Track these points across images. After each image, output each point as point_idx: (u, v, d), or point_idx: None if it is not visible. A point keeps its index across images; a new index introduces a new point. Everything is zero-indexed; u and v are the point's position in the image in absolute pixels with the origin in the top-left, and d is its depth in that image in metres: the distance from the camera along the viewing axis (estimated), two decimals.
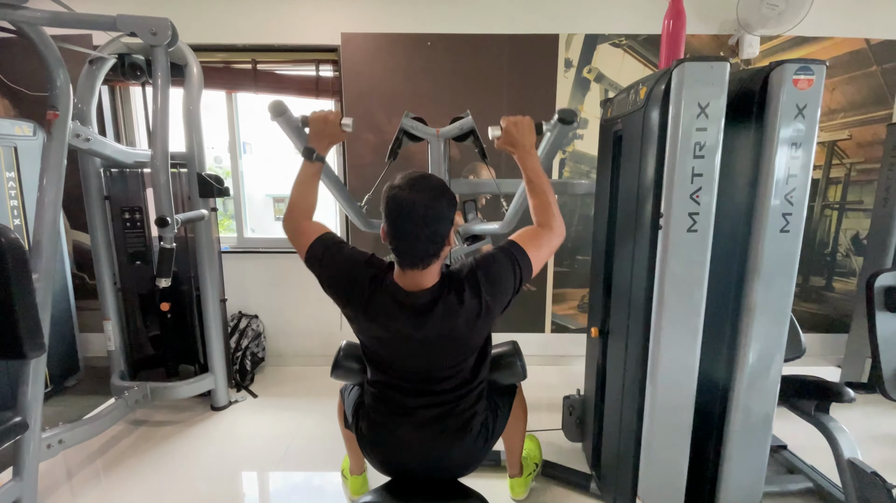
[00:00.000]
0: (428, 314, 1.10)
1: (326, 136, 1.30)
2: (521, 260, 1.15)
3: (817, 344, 2.94)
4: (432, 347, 1.14)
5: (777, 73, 1.18)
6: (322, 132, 1.29)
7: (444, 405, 1.20)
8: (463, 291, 1.11)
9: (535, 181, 1.27)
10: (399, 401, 1.21)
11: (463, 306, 1.10)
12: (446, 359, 1.17)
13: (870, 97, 2.69)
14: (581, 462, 1.95)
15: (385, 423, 1.22)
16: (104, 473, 1.90)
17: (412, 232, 1.06)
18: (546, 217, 1.24)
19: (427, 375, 1.19)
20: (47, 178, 1.67)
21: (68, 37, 2.45)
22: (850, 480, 1.56)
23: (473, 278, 1.12)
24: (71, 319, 2.69)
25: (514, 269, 1.14)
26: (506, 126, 1.28)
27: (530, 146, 1.28)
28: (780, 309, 1.28)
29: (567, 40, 2.62)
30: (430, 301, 1.11)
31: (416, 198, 1.06)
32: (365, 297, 1.12)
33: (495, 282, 1.13)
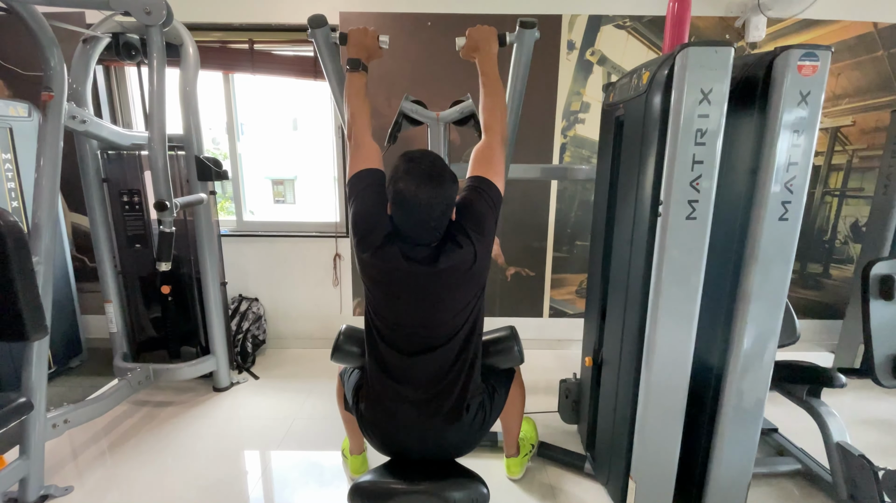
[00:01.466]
0: (432, 260, 1.17)
1: (366, 49, 1.39)
2: (491, 192, 1.25)
3: (812, 329, 2.97)
4: (435, 289, 1.18)
5: (782, 58, 1.16)
6: (362, 44, 1.39)
7: (438, 384, 1.22)
8: (456, 237, 1.19)
9: (488, 83, 1.38)
10: (396, 388, 1.23)
11: (462, 249, 1.18)
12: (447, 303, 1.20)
13: (875, 82, 2.66)
14: (576, 443, 1.99)
15: (384, 405, 1.25)
16: (109, 452, 1.94)
17: (419, 223, 1.14)
18: (493, 118, 1.34)
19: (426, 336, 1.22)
20: (44, 160, 1.66)
21: (60, 15, 2.40)
22: (839, 463, 1.60)
23: (460, 226, 1.20)
24: (72, 301, 2.71)
25: (490, 204, 1.24)
26: (468, 32, 1.41)
27: (491, 53, 1.40)
28: (777, 296, 1.30)
29: (570, 21, 2.57)
30: (434, 252, 1.18)
31: (422, 193, 1.10)
32: (376, 245, 1.18)
33: (480, 225, 1.21)
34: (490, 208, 1.23)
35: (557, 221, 2.83)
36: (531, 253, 2.87)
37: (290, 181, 11.01)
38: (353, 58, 1.38)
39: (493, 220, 1.24)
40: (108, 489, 1.73)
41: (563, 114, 2.68)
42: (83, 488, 1.73)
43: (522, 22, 1.44)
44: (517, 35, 1.50)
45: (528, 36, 1.48)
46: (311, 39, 1.52)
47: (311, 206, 10.06)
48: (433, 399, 1.22)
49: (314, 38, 1.50)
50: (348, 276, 2.93)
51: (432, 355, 1.22)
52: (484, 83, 1.39)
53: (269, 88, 2.86)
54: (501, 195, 1.28)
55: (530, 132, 2.69)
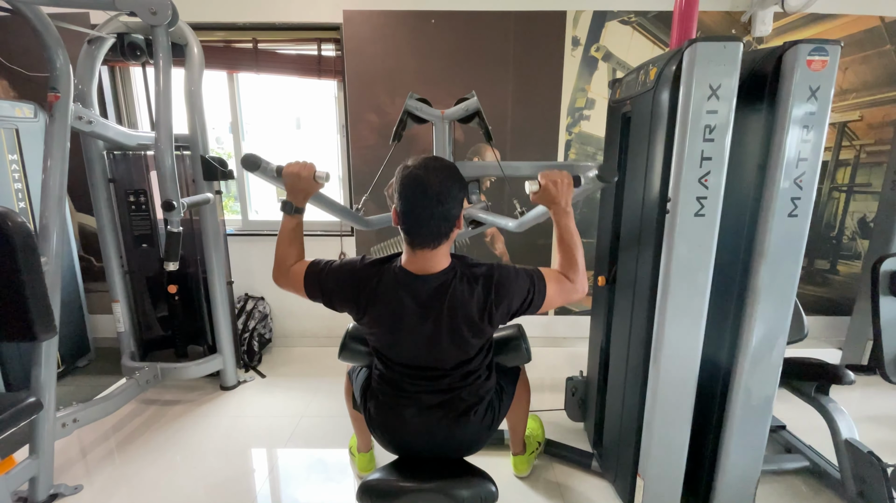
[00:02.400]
0: (435, 301, 1.11)
1: (301, 191, 1.25)
2: (538, 289, 1.16)
3: (819, 326, 2.96)
4: (437, 345, 1.15)
5: (791, 53, 1.15)
6: (296, 187, 1.24)
7: (450, 391, 1.22)
8: (475, 286, 1.12)
9: (566, 240, 1.25)
10: (405, 389, 1.23)
11: (471, 299, 1.12)
12: (449, 358, 1.18)
13: (883, 77, 2.63)
14: (583, 441, 1.99)
15: (392, 406, 1.25)
16: (117, 451, 1.96)
17: (426, 209, 1.07)
18: (573, 274, 1.23)
19: (432, 371, 1.20)
20: (51, 161, 1.67)
21: (65, 16, 2.41)
22: (847, 460, 1.59)
23: (489, 278, 1.13)
24: (79, 301, 2.72)
25: (529, 291, 1.15)
26: (545, 184, 1.23)
27: (567, 204, 1.24)
28: (786, 292, 1.29)
29: (574, 17, 2.55)
30: (439, 286, 1.12)
31: (431, 177, 1.07)
32: (373, 290, 1.14)
33: (506, 290, 1.13)
34: (522, 297, 1.15)
35: None
36: (536, 250, 2.87)
37: None
38: (286, 201, 1.27)
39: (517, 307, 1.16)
40: (116, 487, 1.74)
41: (567, 110, 2.67)
42: (92, 487, 1.74)
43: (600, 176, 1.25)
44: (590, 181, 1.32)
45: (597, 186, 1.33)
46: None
47: None
48: (442, 403, 1.22)
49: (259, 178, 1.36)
50: None
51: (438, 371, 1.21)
52: (560, 237, 1.26)
53: (271, 87, 2.86)
54: (540, 307, 1.19)
55: (535, 129, 2.69)
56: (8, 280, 1.38)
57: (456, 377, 1.22)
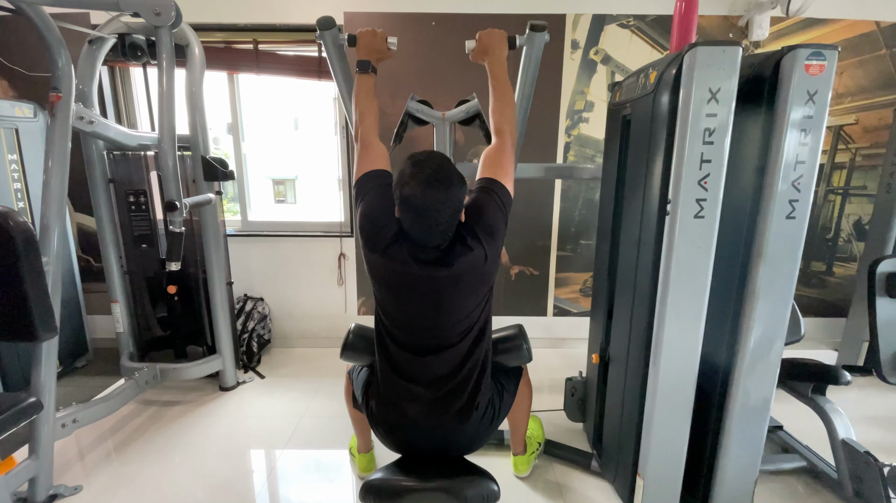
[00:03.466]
0: (441, 262, 1.17)
1: (375, 51, 1.41)
2: (501, 194, 1.25)
3: (816, 327, 2.98)
4: (444, 291, 1.18)
5: (789, 58, 1.17)
6: (371, 45, 1.40)
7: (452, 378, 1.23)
8: (465, 240, 1.19)
9: (498, 87, 1.38)
10: (407, 386, 1.24)
11: (472, 251, 1.18)
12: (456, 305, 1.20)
13: (878, 81, 2.66)
14: (582, 441, 2.00)
15: (394, 403, 1.26)
16: (116, 452, 1.95)
17: (426, 228, 1.13)
18: (502, 121, 1.36)
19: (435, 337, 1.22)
20: (52, 161, 1.67)
21: (66, 16, 2.41)
22: (844, 460, 1.61)
23: (470, 229, 1.20)
24: (78, 301, 2.72)
25: (500, 206, 1.24)
26: (479, 35, 1.40)
27: (501, 56, 1.40)
28: (783, 294, 1.30)
29: (574, 21, 2.57)
30: (443, 254, 1.18)
31: (429, 198, 1.09)
32: (384, 246, 1.19)
33: (490, 227, 1.21)
34: (500, 210, 1.24)
35: (561, 220, 2.83)
36: (535, 252, 2.88)
37: (290, 181, 11.01)
38: (363, 59, 1.39)
39: (503, 222, 1.24)
40: (116, 488, 1.74)
41: (567, 113, 2.69)
42: (91, 488, 1.73)
43: (532, 25, 1.44)
44: (527, 38, 1.50)
45: (538, 39, 1.49)
46: (319, 41, 1.52)
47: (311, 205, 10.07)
48: (444, 397, 1.23)
49: (322, 40, 1.50)
50: (353, 276, 2.93)
51: (442, 355, 1.22)
52: (493, 86, 1.40)
53: (270, 88, 2.87)
54: (511, 197, 1.28)
55: (534, 131, 2.70)
56: (9, 279, 1.38)
57: (457, 355, 1.23)
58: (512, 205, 1.29)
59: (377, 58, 1.42)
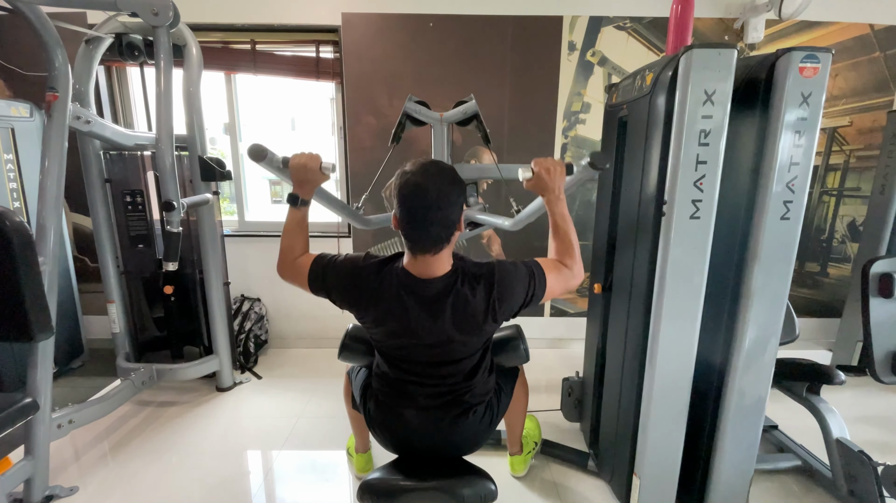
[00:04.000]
0: (438, 304, 1.12)
1: (308, 182, 1.27)
2: (538, 280, 1.17)
3: (810, 328, 3.00)
4: (440, 343, 1.16)
5: (784, 60, 1.18)
6: (303, 179, 1.26)
7: (451, 393, 1.23)
8: (476, 285, 1.13)
9: (561, 226, 1.27)
10: (406, 389, 1.24)
11: (474, 299, 1.12)
12: (452, 355, 1.20)
13: (872, 84, 2.69)
14: (579, 441, 2.00)
15: (392, 405, 1.26)
16: (113, 453, 1.94)
17: (425, 216, 1.08)
18: (569, 261, 1.25)
19: (434, 371, 1.21)
20: (49, 161, 1.66)
21: (62, 15, 2.40)
22: (838, 459, 1.62)
23: (490, 277, 1.14)
24: (74, 302, 2.70)
25: (530, 284, 1.17)
26: (538, 171, 1.26)
27: (560, 190, 1.27)
28: (778, 294, 1.32)
29: (571, 22, 2.58)
30: (442, 289, 1.12)
31: (429, 183, 1.07)
32: (375, 289, 1.14)
33: (508, 287, 1.14)
34: (524, 291, 1.17)
35: None
36: (533, 252, 2.89)
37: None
38: (292, 193, 1.29)
39: (520, 302, 1.17)
40: (112, 489, 1.73)
41: (563, 114, 2.70)
42: (88, 488, 1.73)
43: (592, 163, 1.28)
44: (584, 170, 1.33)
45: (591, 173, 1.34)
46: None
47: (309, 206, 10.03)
48: (442, 404, 1.23)
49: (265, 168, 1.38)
50: None
51: (442, 369, 1.22)
52: (555, 223, 1.28)
53: (266, 88, 2.86)
54: (542, 297, 1.20)
55: (531, 132, 2.71)
56: (5, 279, 1.37)
57: (458, 376, 1.23)
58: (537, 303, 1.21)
59: (310, 188, 1.29)
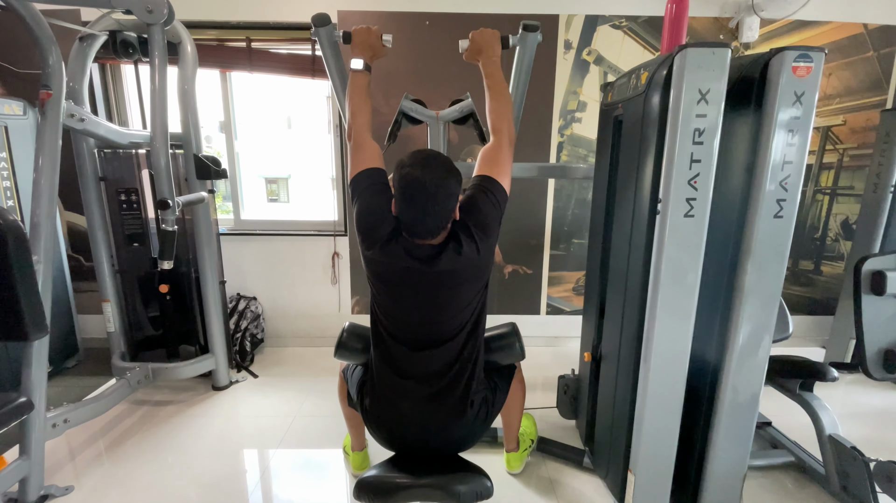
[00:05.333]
0: (435, 259, 1.19)
1: (370, 48, 1.40)
2: (497, 192, 1.26)
3: (804, 325, 3.02)
4: (439, 286, 1.20)
5: (777, 59, 1.19)
6: (366, 42, 1.39)
7: (447, 386, 1.24)
8: (459, 236, 1.20)
9: (493, 86, 1.39)
10: (401, 384, 1.25)
11: (465, 247, 1.19)
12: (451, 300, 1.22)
13: (865, 83, 2.71)
14: (575, 438, 2.01)
15: (389, 400, 1.26)
16: (108, 452, 1.94)
17: (422, 208, 1.13)
18: (500, 120, 1.35)
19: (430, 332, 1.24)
20: (43, 160, 1.65)
21: (56, 12, 2.38)
22: (831, 455, 1.63)
23: (464, 225, 1.21)
24: (68, 301, 2.69)
25: (495, 203, 1.25)
26: (472, 35, 1.42)
27: (494, 55, 1.41)
28: (771, 292, 1.33)
29: (567, 21, 2.59)
30: (437, 251, 1.19)
31: (427, 176, 1.12)
32: (381, 242, 1.20)
33: (484, 224, 1.22)
34: (494, 208, 1.25)
35: (555, 220, 2.85)
36: (528, 251, 2.90)
37: (284, 180, 10.94)
38: (357, 57, 1.39)
39: (498, 219, 1.26)
40: (108, 488, 1.73)
41: (559, 113, 2.70)
42: (83, 488, 1.72)
43: (525, 25, 1.45)
44: (520, 38, 1.51)
45: (531, 39, 1.50)
46: (314, 38, 1.52)
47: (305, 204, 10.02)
48: (438, 394, 1.24)
49: (317, 37, 1.50)
50: (347, 275, 2.93)
51: (437, 350, 1.23)
52: (489, 86, 1.41)
53: (262, 86, 2.85)
54: (507, 195, 1.29)
55: (528, 131, 2.71)
56: (0, 278, 1.37)
57: (452, 362, 1.24)
58: (507, 202, 1.30)
59: (371, 55, 1.41)
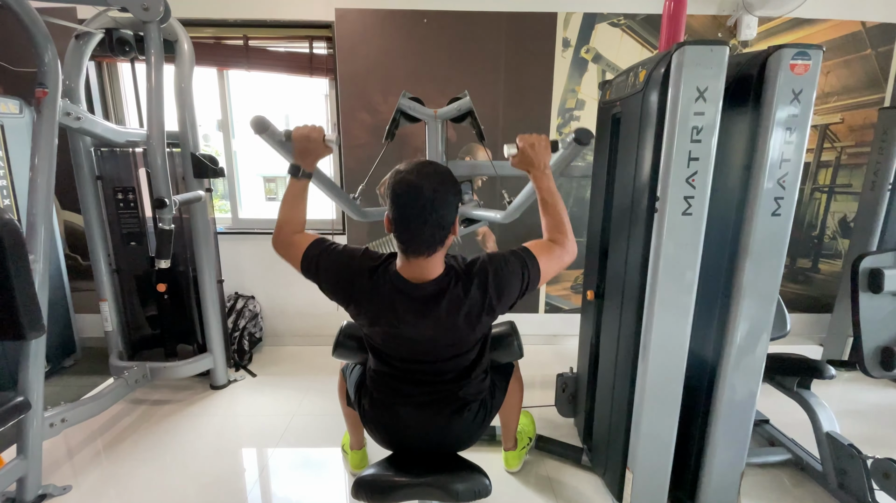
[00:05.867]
0: (432, 306, 1.10)
1: (311, 153, 1.25)
2: (531, 267, 1.15)
3: (802, 323, 3.03)
4: (435, 342, 1.15)
5: (775, 57, 1.19)
6: (306, 149, 1.24)
7: (445, 391, 1.23)
8: (470, 285, 1.11)
9: (549, 201, 1.26)
10: (399, 388, 1.24)
11: (468, 299, 1.10)
12: (448, 353, 1.19)
13: (863, 81, 2.71)
14: (573, 436, 2.02)
15: (386, 402, 1.26)
16: (106, 451, 1.93)
17: (419, 216, 1.05)
18: (560, 236, 1.23)
19: (430, 368, 1.21)
20: (39, 158, 1.64)
21: (51, 10, 2.37)
22: (829, 452, 1.64)
23: (483, 274, 1.12)
24: (66, 300, 2.68)
25: (524, 275, 1.15)
26: (522, 146, 1.26)
27: (545, 166, 1.27)
28: (769, 290, 1.33)
29: (565, 19, 2.58)
30: (436, 292, 1.10)
31: (423, 182, 1.04)
32: (367, 290, 1.12)
33: (503, 282, 1.12)
34: (519, 282, 1.14)
35: None
36: None
37: (282, 178, 10.92)
38: (294, 164, 1.26)
39: (517, 294, 1.15)
40: (106, 488, 1.73)
41: (558, 111, 2.70)
42: (81, 487, 1.72)
43: (577, 139, 1.29)
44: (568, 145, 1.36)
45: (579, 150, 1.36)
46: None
47: None
48: (436, 399, 1.23)
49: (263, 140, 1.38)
50: None
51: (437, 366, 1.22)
52: (542, 199, 1.28)
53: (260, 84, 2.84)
54: (539, 281, 1.18)
55: (526, 129, 2.70)
56: None
57: (452, 374, 1.23)
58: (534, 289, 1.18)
59: (312, 159, 1.27)
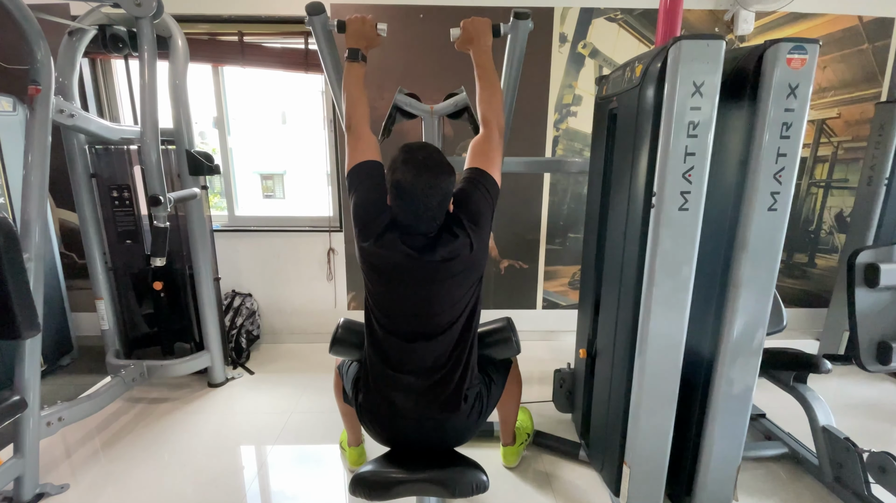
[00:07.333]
0: (430, 248, 1.20)
1: (364, 38, 1.39)
2: (488, 184, 1.27)
3: (798, 318, 3.04)
4: (434, 277, 1.21)
5: (771, 52, 1.18)
6: (360, 32, 1.39)
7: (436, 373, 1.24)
8: (453, 228, 1.21)
9: (484, 76, 1.40)
10: (395, 363, 1.25)
11: (458, 239, 1.20)
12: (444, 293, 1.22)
13: (860, 75, 2.71)
14: (570, 431, 2.02)
15: (383, 394, 1.26)
16: (103, 450, 1.93)
17: (417, 213, 1.16)
18: (490, 111, 1.37)
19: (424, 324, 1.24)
20: (32, 156, 1.63)
21: (44, 6, 2.35)
22: (825, 446, 1.65)
23: (457, 218, 1.23)
24: (62, 299, 2.67)
25: (486, 196, 1.26)
26: (463, 24, 1.43)
27: (485, 45, 1.42)
28: (765, 284, 1.33)
29: (562, 14, 2.57)
30: (431, 241, 1.21)
31: (420, 184, 1.13)
32: (377, 234, 1.21)
33: (476, 216, 1.23)
34: (486, 200, 1.26)
35: (550, 214, 2.85)
36: (524, 245, 2.89)
37: (279, 176, 10.88)
38: (352, 47, 1.38)
39: (490, 211, 1.27)
40: (103, 486, 1.72)
41: (555, 106, 2.69)
42: (79, 486, 1.72)
43: (517, 13, 1.45)
44: (511, 26, 1.51)
45: (523, 27, 1.49)
46: (308, 27, 1.51)
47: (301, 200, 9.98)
48: (432, 387, 1.24)
49: (311, 26, 1.49)
50: (342, 271, 2.92)
51: (431, 343, 1.24)
52: (479, 75, 1.41)
53: (256, 81, 2.83)
54: (498, 187, 1.30)
55: (523, 125, 2.70)
56: None
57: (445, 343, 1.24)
58: (499, 195, 1.30)
59: (366, 45, 1.41)
